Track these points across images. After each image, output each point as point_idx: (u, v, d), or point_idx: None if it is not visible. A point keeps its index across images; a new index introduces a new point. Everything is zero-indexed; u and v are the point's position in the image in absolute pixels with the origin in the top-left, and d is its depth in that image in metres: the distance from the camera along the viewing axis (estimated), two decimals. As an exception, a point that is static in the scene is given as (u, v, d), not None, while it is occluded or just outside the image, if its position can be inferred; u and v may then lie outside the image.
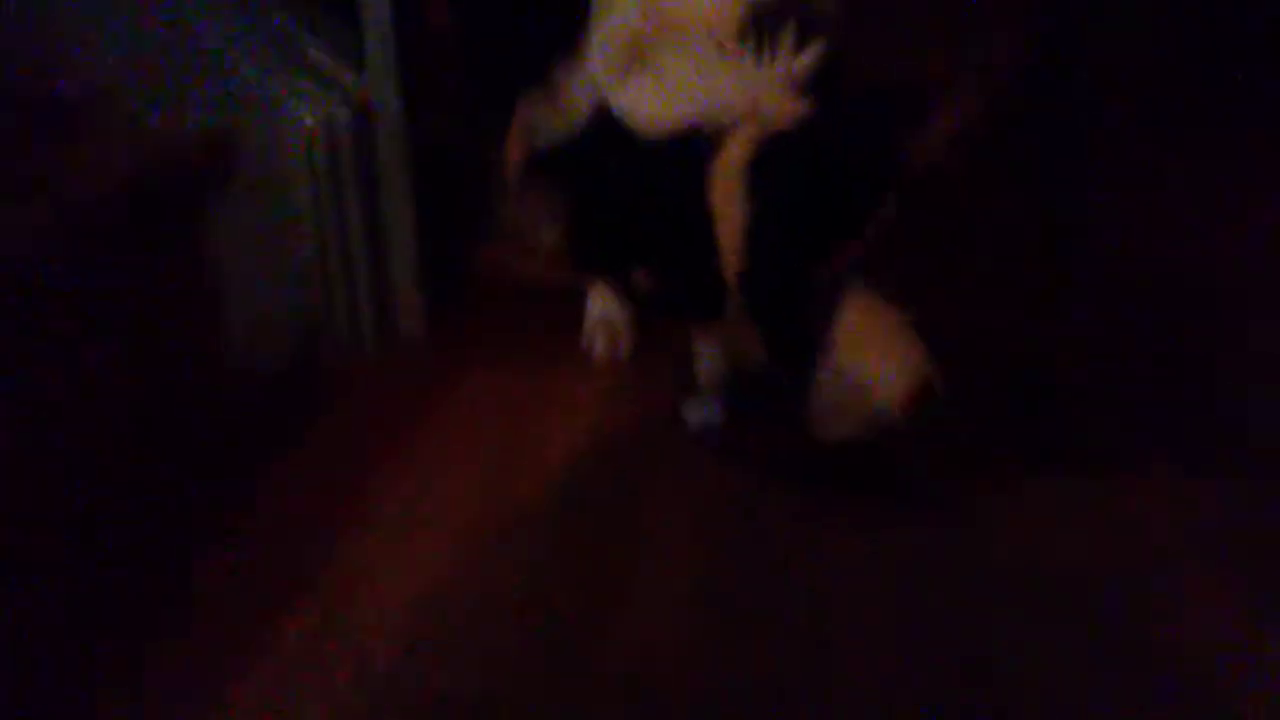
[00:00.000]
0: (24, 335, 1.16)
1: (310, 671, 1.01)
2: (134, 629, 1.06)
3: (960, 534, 1.18)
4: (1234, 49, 2.28)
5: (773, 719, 0.98)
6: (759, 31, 1.02)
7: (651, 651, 1.04)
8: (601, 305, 1.49)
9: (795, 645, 1.05)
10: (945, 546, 1.17)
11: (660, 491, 1.26)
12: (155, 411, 1.32)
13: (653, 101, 1.04)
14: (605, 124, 1.07)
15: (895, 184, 1.09)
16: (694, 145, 1.02)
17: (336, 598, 1.10)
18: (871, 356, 1.05)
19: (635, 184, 1.07)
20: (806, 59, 1.03)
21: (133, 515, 1.18)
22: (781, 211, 1.01)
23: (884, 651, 1.05)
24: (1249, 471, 1.28)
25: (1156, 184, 1.98)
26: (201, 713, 0.97)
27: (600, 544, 1.18)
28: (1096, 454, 1.32)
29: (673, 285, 1.13)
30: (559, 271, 1.55)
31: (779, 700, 0.99)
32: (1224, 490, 1.25)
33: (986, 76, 1.83)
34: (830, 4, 1.12)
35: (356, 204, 1.39)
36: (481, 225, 1.77)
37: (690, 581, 1.13)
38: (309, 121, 1.33)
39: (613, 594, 1.11)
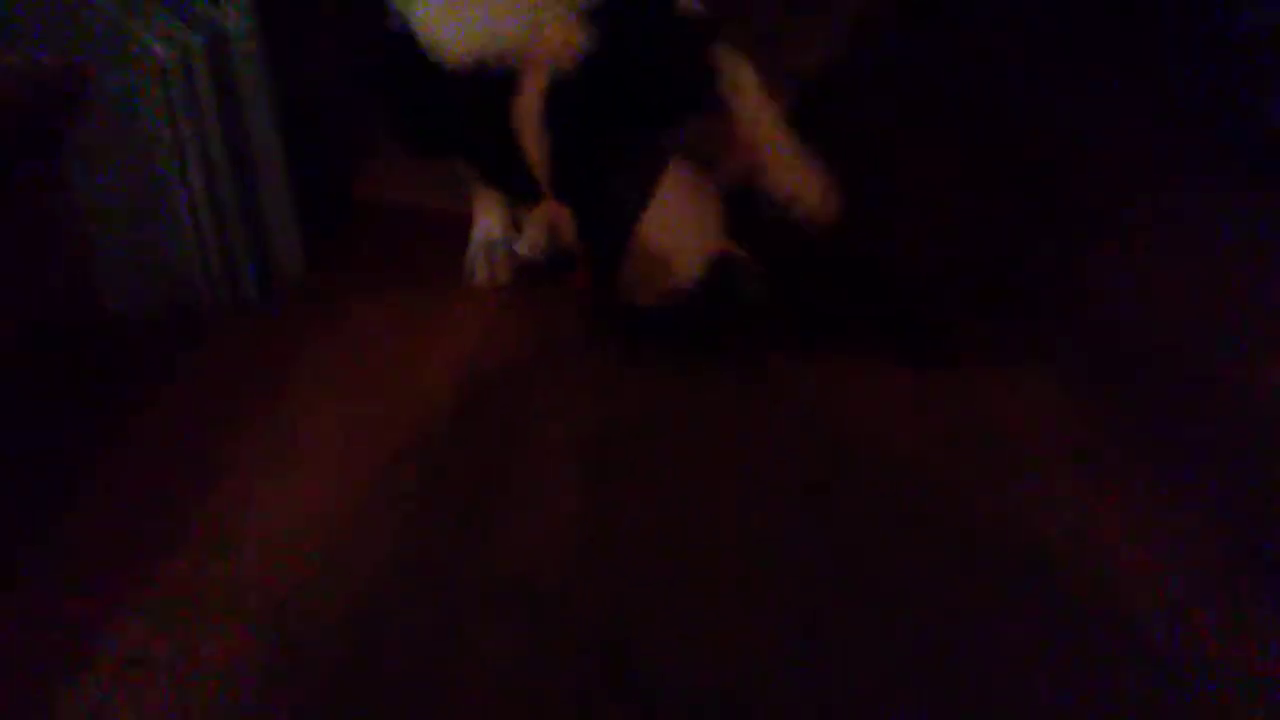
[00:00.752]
0: None
1: (188, 611, 1.03)
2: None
3: (820, 418, 1.26)
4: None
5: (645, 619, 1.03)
6: None
7: (535, 570, 1.08)
8: (484, 231, 1.49)
9: (673, 549, 1.11)
10: (803, 436, 1.24)
11: (540, 416, 1.28)
12: (19, 355, 1.29)
13: (445, 27, 1.10)
14: (407, 41, 1.14)
15: (691, 96, 1.19)
16: (492, 79, 1.10)
17: (210, 541, 1.11)
18: (671, 231, 1.19)
19: (443, 103, 1.14)
20: None
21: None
22: (579, 141, 1.12)
23: (756, 545, 1.11)
24: (1119, 376, 1.34)
25: (1032, 87, 2.04)
26: (76, 658, 0.98)
27: (478, 475, 1.20)
28: (957, 349, 1.38)
29: (491, 178, 1.28)
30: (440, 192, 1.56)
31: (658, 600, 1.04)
32: (1093, 394, 1.31)
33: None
34: None
35: (219, 136, 1.35)
36: (359, 145, 1.75)
37: (574, 502, 1.17)
38: (161, 51, 1.28)
39: (491, 526, 1.14)
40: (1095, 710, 0.96)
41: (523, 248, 1.26)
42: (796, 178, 1.34)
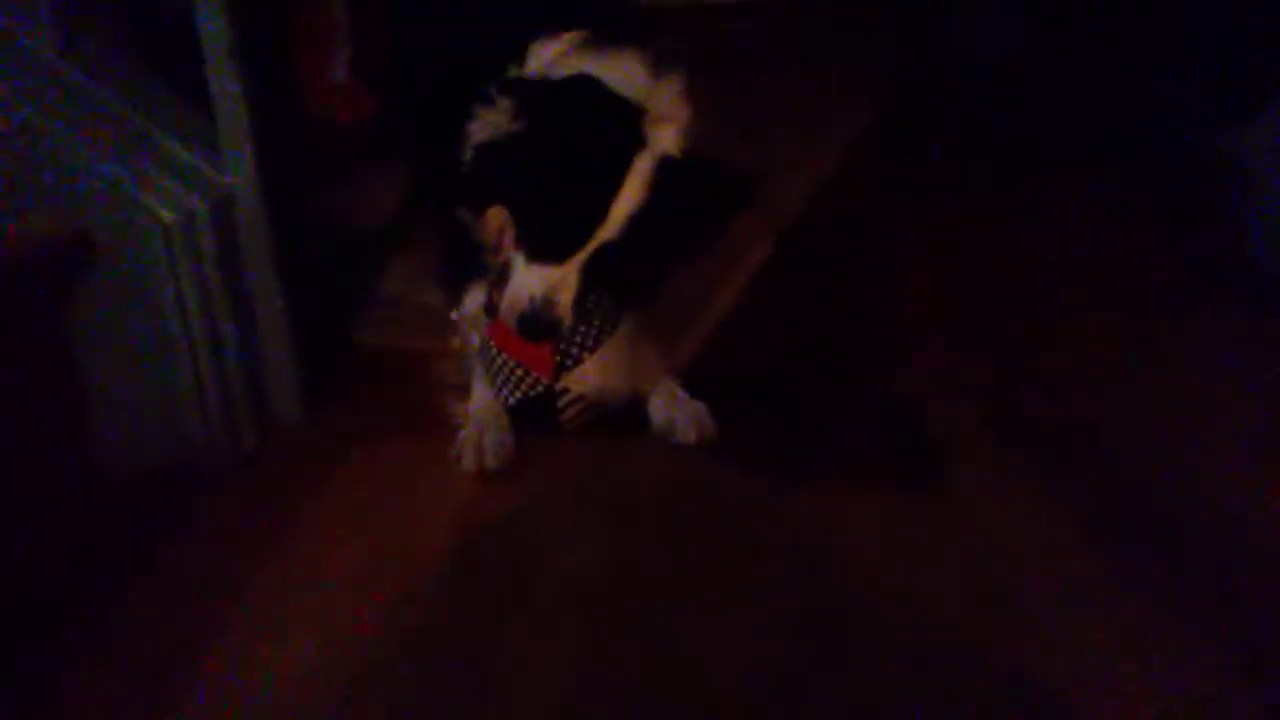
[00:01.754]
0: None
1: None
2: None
3: (820, 554, 1.26)
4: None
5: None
6: None
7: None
8: (476, 414, 1.47)
9: (675, 701, 1.09)
10: (805, 575, 1.23)
11: (540, 566, 1.27)
12: (22, 515, 1.29)
13: None
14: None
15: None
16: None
17: (207, 708, 1.09)
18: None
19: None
20: None
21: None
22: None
23: (762, 692, 1.10)
24: (1119, 504, 1.34)
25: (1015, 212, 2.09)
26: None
27: (477, 630, 1.19)
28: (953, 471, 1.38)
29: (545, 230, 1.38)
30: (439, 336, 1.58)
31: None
32: (1094, 523, 1.31)
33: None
34: None
35: (223, 295, 1.38)
36: (359, 294, 1.79)
37: (574, 654, 1.15)
38: (167, 216, 1.32)
39: (490, 683, 1.12)
40: None
41: (507, 303, 1.36)
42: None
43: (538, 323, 1.34)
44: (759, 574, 1.26)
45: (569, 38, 1.43)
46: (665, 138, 1.36)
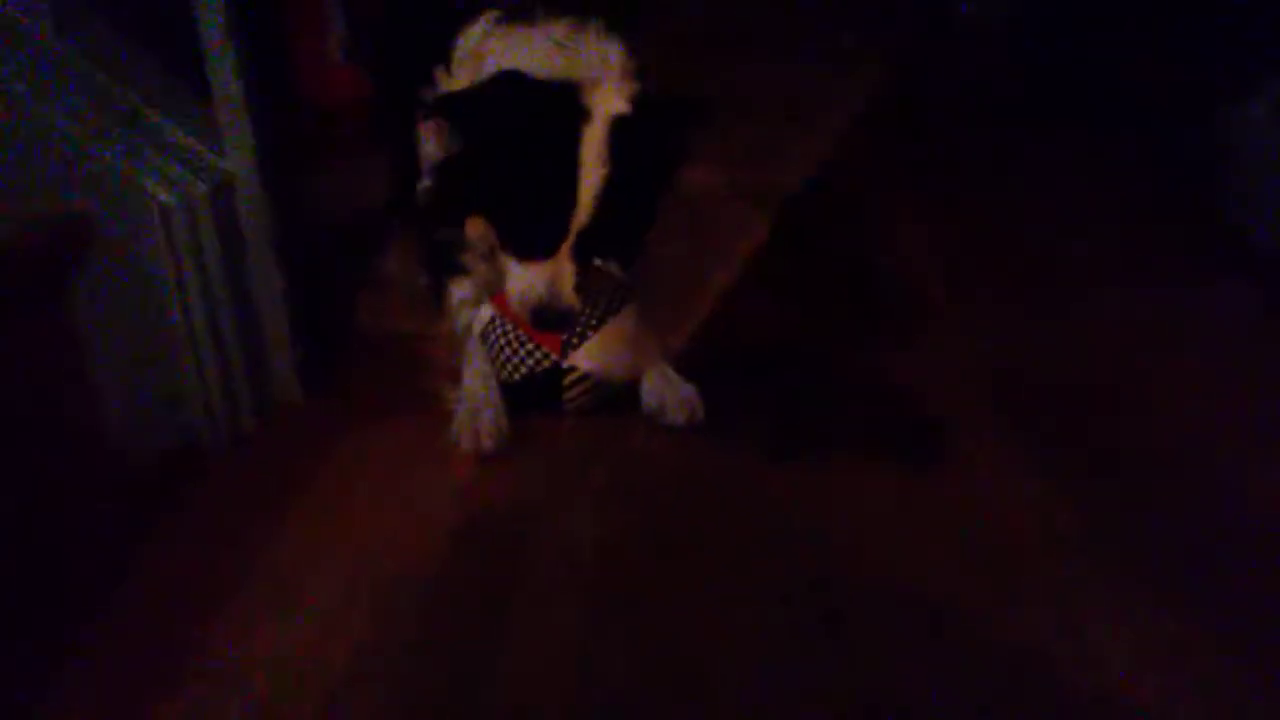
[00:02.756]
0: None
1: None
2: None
3: (821, 534, 1.26)
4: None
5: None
6: None
7: (536, 703, 1.08)
8: (470, 396, 1.48)
9: (677, 680, 1.10)
10: (806, 554, 1.24)
11: (539, 549, 1.29)
12: (23, 497, 1.30)
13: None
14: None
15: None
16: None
17: (211, 680, 1.11)
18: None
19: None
20: None
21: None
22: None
23: (766, 672, 1.11)
24: (1114, 476, 1.36)
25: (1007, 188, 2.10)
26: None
27: (478, 607, 1.21)
28: (949, 451, 1.40)
29: (519, 232, 1.38)
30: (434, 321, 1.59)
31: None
32: (1090, 496, 1.33)
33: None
34: None
35: (222, 277, 1.39)
36: (356, 277, 1.79)
37: (575, 632, 1.17)
38: (166, 200, 1.32)
39: (492, 660, 1.14)
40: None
41: (515, 303, 1.37)
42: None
43: (550, 315, 1.34)
44: (758, 552, 1.28)
45: (487, 16, 1.43)
46: (609, 98, 1.33)
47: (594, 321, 1.44)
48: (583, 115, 1.30)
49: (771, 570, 1.25)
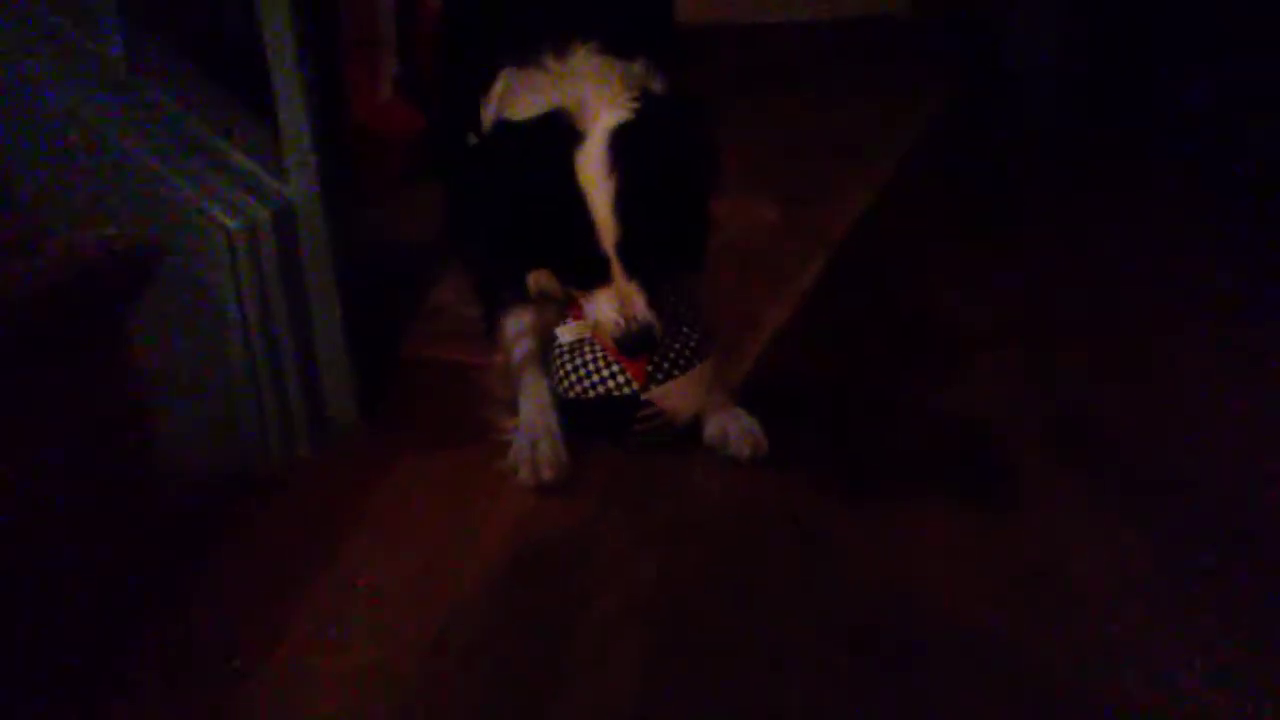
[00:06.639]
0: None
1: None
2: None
3: (885, 578, 1.22)
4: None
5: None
6: None
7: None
8: (529, 428, 1.45)
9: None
10: (870, 599, 1.20)
11: (601, 580, 1.26)
12: (90, 519, 1.30)
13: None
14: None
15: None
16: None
17: (263, 708, 1.09)
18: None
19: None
20: None
21: (62, 622, 1.17)
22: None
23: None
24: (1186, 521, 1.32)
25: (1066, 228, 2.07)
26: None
27: (535, 642, 1.18)
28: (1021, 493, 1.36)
29: (569, 266, 1.39)
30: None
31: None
32: (1165, 541, 1.28)
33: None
34: None
35: (282, 302, 1.39)
36: (410, 306, 1.80)
37: (633, 671, 1.14)
38: (230, 225, 1.33)
39: (548, 699, 1.11)
40: None
41: (568, 333, 1.40)
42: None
43: (635, 339, 1.32)
44: (819, 589, 1.24)
45: (506, 72, 1.43)
46: (607, 112, 1.30)
47: (681, 362, 1.40)
48: (572, 137, 1.29)
49: (835, 613, 1.21)
